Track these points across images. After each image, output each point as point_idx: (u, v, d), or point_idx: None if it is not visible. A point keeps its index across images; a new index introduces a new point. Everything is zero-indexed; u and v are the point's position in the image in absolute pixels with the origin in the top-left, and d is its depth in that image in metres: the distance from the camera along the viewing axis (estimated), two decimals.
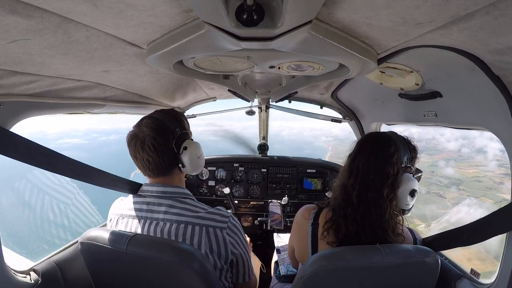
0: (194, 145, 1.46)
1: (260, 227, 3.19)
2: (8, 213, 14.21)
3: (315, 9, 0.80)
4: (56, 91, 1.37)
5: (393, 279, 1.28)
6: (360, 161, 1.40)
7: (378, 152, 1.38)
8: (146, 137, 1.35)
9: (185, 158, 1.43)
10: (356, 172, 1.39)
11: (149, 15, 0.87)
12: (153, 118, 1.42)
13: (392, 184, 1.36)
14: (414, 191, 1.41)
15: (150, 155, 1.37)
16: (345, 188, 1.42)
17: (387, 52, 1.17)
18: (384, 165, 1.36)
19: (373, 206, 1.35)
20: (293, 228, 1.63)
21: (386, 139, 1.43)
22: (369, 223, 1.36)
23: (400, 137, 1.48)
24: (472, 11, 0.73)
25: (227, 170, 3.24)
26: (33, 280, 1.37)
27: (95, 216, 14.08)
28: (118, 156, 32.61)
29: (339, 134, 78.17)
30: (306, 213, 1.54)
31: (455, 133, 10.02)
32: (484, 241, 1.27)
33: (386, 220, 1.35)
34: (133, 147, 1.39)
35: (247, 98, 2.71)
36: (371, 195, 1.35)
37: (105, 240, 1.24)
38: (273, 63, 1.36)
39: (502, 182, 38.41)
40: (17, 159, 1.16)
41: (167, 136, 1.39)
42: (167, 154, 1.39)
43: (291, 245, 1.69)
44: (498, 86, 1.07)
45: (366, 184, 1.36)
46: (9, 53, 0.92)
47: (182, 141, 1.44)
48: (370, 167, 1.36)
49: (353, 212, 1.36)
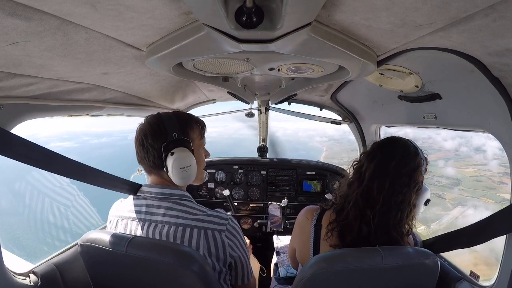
0: (182, 154, 1.37)
1: (260, 229, 3.19)
2: (8, 215, 14.19)
3: (315, 11, 0.80)
4: (55, 93, 1.37)
5: (392, 281, 1.28)
6: (389, 164, 1.37)
7: (409, 159, 1.38)
8: (141, 132, 1.41)
9: (169, 164, 1.37)
10: (385, 175, 1.37)
11: (149, 17, 0.87)
12: (156, 117, 1.44)
13: (417, 191, 1.39)
14: (428, 201, 1.52)
15: (139, 149, 1.41)
16: (368, 189, 1.39)
17: (387, 54, 1.17)
18: (414, 172, 1.37)
19: (394, 209, 1.35)
20: (295, 229, 1.63)
21: (414, 147, 1.44)
22: (386, 225, 1.36)
23: (419, 147, 1.49)
24: (471, 13, 0.73)
25: (227, 173, 3.24)
26: (33, 282, 1.36)
27: (95, 218, 14.05)
28: (109, 160, 32.52)
29: (333, 134, 77.67)
30: (309, 214, 1.54)
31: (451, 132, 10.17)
32: (484, 243, 1.27)
33: (403, 224, 1.38)
34: (135, 139, 1.44)
35: (247, 100, 2.71)
36: (395, 199, 1.35)
37: (105, 242, 1.23)
38: (273, 65, 1.36)
39: (502, 182, 38.25)
40: (16, 159, 1.16)
41: (158, 137, 1.38)
42: (152, 154, 1.39)
43: (292, 246, 1.68)
44: (498, 88, 1.08)
45: (394, 188, 1.35)
46: (8, 55, 0.92)
47: (174, 146, 1.38)
48: (401, 172, 1.36)
49: (373, 214, 1.36)
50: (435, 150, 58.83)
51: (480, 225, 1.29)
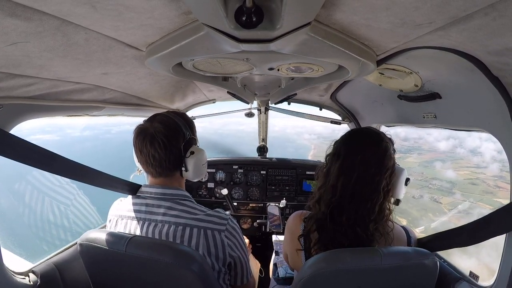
0: (201, 152, 1.46)
1: (259, 229, 3.19)
2: (7, 214, 14.16)
3: (314, 11, 0.80)
4: (55, 94, 1.37)
5: (391, 281, 1.28)
6: (355, 158, 1.36)
7: (375, 146, 1.37)
8: (158, 133, 1.35)
9: (190, 163, 1.42)
10: (351, 171, 1.35)
11: (148, 18, 0.87)
12: (167, 117, 1.43)
13: (390, 175, 1.38)
14: (408, 180, 1.49)
15: (157, 151, 1.35)
16: (333, 189, 1.38)
17: (386, 53, 1.16)
18: (383, 158, 1.36)
19: (363, 201, 1.34)
20: (285, 236, 1.62)
21: (376, 133, 1.43)
22: (354, 222, 1.35)
23: (380, 131, 1.49)
24: (471, 13, 0.73)
25: (227, 172, 3.24)
26: (32, 281, 1.37)
27: (95, 217, 14.02)
28: (91, 154, 31.82)
29: (322, 132, 76.64)
30: (296, 220, 1.53)
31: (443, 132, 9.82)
32: (482, 242, 1.26)
33: (373, 212, 1.35)
34: (140, 141, 1.37)
35: (246, 100, 2.71)
36: (365, 190, 1.34)
37: (104, 241, 1.24)
38: (272, 65, 1.36)
39: (497, 186, 37.87)
40: (16, 160, 1.17)
41: (178, 136, 1.40)
42: (174, 154, 1.39)
43: (285, 251, 1.68)
44: (497, 87, 1.07)
45: (363, 180, 1.34)
46: (8, 55, 0.92)
47: (190, 146, 1.45)
48: (370, 162, 1.34)
49: (339, 213, 1.36)
50: (426, 151, 58.47)
51: (479, 223, 1.28)
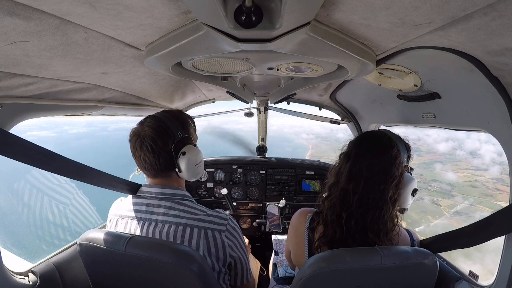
0: (194, 152, 1.43)
1: (259, 229, 3.19)
2: (7, 214, 14.14)
3: (314, 11, 0.80)
4: (54, 93, 1.37)
5: (391, 281, 1.28)
6: (362, 164, 1.35)
7: (382, 154, 1.35)
8: (145, 137, 1.36)
9: (182, 164, 1.41)
10: (359, 176, 1.35)
11: (148, 17, 0.87)
12: (157, 119, 1.42)
13: (396, 185, 1.35)
14: (415, 191, 1.44)
15: (147, 155, 1.37)
16: (345, 192, 1.38)
17: (386, 53, 1.16)
18: (390, 167, 1.33)
19: (372, 208, 1.33)
20: (289, 232, 1.62)
21: (387, 140, 1.40)
22: (362, 227, 1.34)
23: (397, 136, 1.47)
24: (470, 12, 0.73)
25: (226, 172, 3.24)
26: (32, 281, 1.37)
27: (94, 217, 14.01)
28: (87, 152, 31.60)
29: (320, 132, 76.37)
30: (302, 217, 1.53)
31: (442, 134, 9.85)
32: (483, 243, 1.26)
33: (384, 221, 1.34)
34: (133, 145, 1.40)
35: (246, 100, 2.71)
36: (373, 198, 1.33)
37: (104, 241, 1.23)
38: (272, 64, 1.36)
39: (496, 188, 37.86)
40: (16, 159, 1.17)
41: (166, 139, 1.38)
42: (163, 157, 1.39)
43: (288, 248, 1.68)
44: (497, 87, 1.07)
45: (370, 187, 1.33)
46: (7, 55, 0.92)
47: (182, 145, 1.42)
48: (374, 170, 1.33)
49: (349, 216, 1.35)
50: (424, 152, 58.35)
51: (479, 225, 1.28)
